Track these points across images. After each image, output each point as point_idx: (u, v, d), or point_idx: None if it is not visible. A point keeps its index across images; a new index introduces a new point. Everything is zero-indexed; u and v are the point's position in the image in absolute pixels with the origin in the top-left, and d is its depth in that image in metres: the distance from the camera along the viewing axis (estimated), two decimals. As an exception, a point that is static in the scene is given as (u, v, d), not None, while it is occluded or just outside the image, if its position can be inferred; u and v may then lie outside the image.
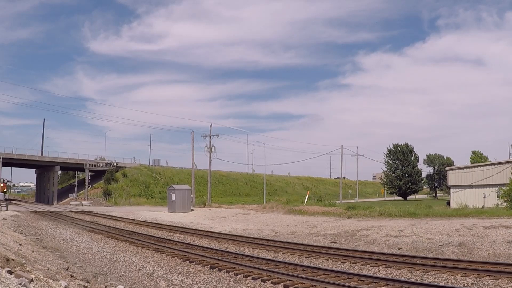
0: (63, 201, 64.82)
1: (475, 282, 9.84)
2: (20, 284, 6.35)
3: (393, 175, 79.36)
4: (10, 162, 65.58)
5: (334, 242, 17.89)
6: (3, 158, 57.46)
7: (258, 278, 10.51)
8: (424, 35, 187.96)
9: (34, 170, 78.28)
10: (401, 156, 79.23)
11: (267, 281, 10.23)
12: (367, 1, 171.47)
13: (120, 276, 11.51)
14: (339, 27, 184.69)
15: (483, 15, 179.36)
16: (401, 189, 77.75)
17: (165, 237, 19.50)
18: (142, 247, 16.23)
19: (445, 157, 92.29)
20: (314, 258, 13.86)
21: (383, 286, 9.55)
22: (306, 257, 13.99)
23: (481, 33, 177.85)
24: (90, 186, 67.35)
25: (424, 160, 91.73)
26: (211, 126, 47.66)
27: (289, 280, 10.17)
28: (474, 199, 39.98)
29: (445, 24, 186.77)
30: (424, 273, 10.96)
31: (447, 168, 54.13)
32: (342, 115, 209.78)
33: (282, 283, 9.94)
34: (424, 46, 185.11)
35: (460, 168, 48.02)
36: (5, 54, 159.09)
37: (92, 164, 67.30)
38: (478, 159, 74.73)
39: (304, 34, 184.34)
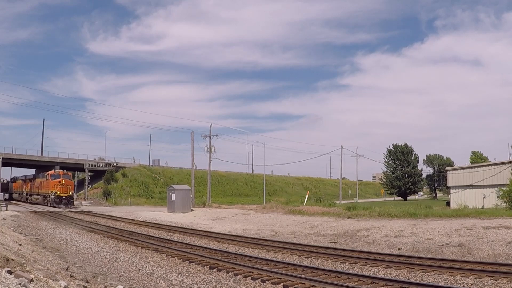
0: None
1: (475, 282, 9.84)
2: (20, 284, 6.35)
3: (393, 175, 79.38)
4: (10, 162, 65.50)
5: (334, 243, 17.89)
6: (3, 158, 57.37)
7: (258, 278, 10.52)
8: (422, 36, 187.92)
9: (33, 170, 78.23)
10: (400, 156, 79.28)
11: (266, 281, 10.23)
12: (365, 2, 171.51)
13: (120, 276, 11.51)
14: (337, 28, 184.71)
15: (481, 16, 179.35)
16: (400, 190, 77.80)
17: (164, 237, 19.49)
18: (141, 247, 16.23)
19: (444, 158, 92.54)
20: (313, 258, 13.86)
21: (383, 286, 9.55)
22: (305, 257, 13.99)
23: (479, 34, 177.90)
24: (90, 186, 67.34)
25: (424, 160, 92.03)
26: (210, 126, 47.72)
27: (289, 280, 10.17)
28: (473, 199, 40.03)
29: (443, 25, 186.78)
30: (424, 273, 10.96)
31: (447, 168, 54.19)
32: (341, 115, 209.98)
33: (282, 283, 9.94)
34: (423, 46, 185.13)
35: (460, 169, 48.07)
36: (5, 55, 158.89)
37: (91, 164, 67.30)
38: (478, 159, 74.84)
39: (302, 35, 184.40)
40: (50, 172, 48.29)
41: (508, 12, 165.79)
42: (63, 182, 45.93)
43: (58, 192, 45.14)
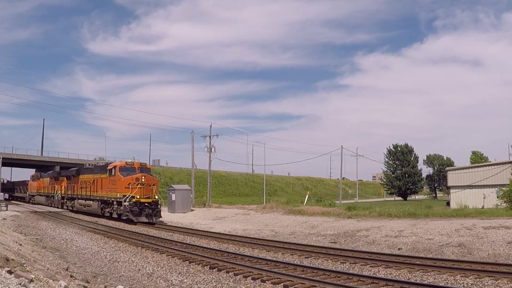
0: (63, 201, 64.14)
1: (475, 282, 9.84)
2: (20, 284, 6.35)
3: (393, 175, 79.38)
4: (10, 162, 65.60)
5: (334, 243, 17.89)
6: (3, 158, 57.44)
7: (258, 278, 10.51)
8: (421, 36, 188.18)
9: (34, 170, 78.27)
10: (400, 156, 79.26)
11: (267, 281, 10.23)
12: (364, 3, 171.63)
13: (120, 276, 11.51)
14: (337, 28, 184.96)
15: (480, 16, 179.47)
16: (400, 190, 77.80)
17: (164, 237, 19.48)
18: (142, 247, 16.23)
19: (445, 158, 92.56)
20: (314, 258, 13.86)
21: (383, 286, 9.55)
22: (306, 257, 13.99)
23: (479, 34, 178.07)
24: (90, 186, 66.91)
25: (424, 160, 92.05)
26: (211, 126, 47.67)
27: (289, 280, 10.17)
28: (474, 199, 40.00)
29: (442, 25, 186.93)
30: (424, 273, 10.96)
31: (447, 168, 54.14)
32: (341, 115, 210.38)
33: (282, 283, 9.94)
34: (422, 47, 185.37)
35: (460, 169, 48.05)
36: (5, 55, 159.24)
37: (92, 164, 67.12)
38: (478, 159, 74.71)
39: (302, 35, 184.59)
40: (117, 163, 29.25)
41: (507, 12, 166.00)
42: (143, 180, 27.31)
43: (137, 196, 26.56)
